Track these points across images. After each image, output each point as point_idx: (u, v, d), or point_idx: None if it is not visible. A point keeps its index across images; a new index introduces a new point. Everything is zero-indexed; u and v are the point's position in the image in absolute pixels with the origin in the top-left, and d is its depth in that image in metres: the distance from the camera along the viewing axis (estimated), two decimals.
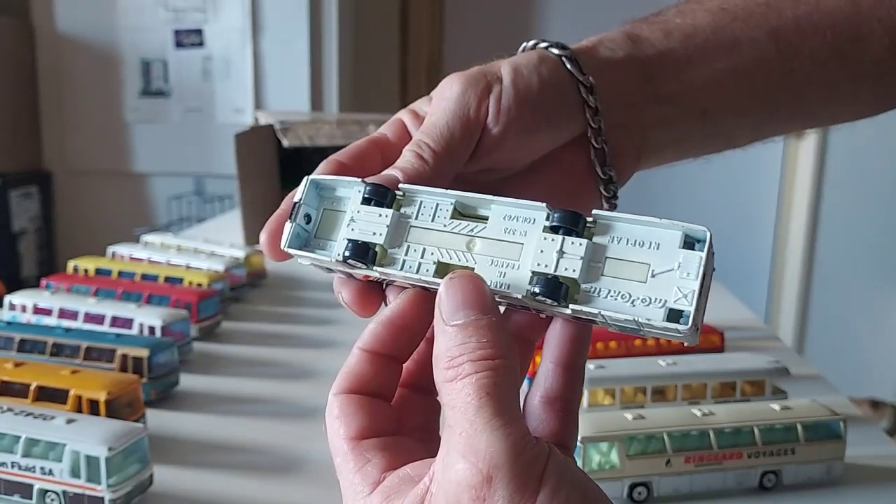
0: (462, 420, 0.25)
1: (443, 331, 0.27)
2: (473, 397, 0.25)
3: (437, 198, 0.30)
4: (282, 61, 2.42)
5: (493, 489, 0.24)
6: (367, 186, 0.30)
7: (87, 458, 0.51)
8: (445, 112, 0.35)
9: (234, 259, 1.07)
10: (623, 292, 0.26)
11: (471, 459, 0.24)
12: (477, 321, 0.26)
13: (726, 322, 0.88)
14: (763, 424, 0.57)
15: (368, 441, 0.29)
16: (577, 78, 0.36)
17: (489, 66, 0.37)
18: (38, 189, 2.53)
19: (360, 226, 0.30)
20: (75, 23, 2.50)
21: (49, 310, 0.82)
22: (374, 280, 0.31)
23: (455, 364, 0.26)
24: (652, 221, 0.26)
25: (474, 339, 0.26)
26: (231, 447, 0.65)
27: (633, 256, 0.26)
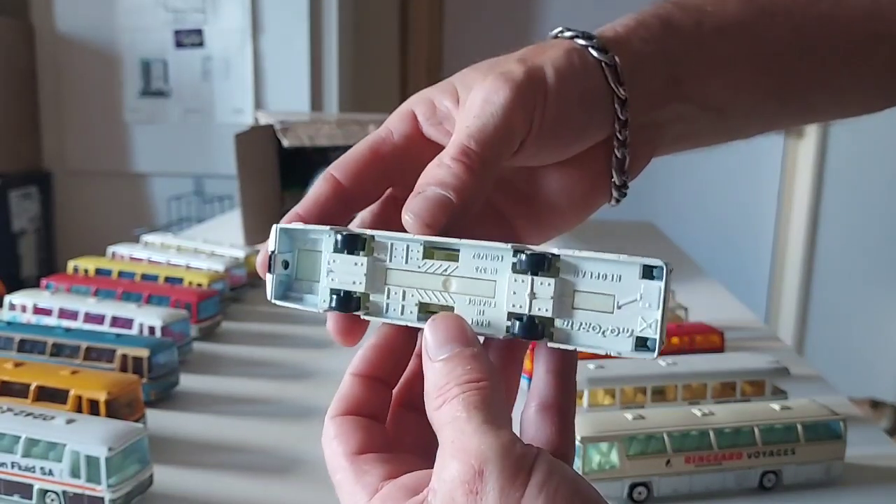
0: (453, 431, 0.26)
1: (430, 368, 0.29)
2: (462, 412, 0.27)
3: (407, 241, 0.31)
4: (282, 61, 2.42)
5: (485, 481, 0.25)
6: (338, 235, 0.31)
7: (87, 458, 0.51)
8: (495, 119, 0.32)
9: (233, 259, 1.07)
10: (594, 324, 0.29)
11: (461, 458, 0.25)
12: (461, 352, 0.28)
13: (726, 322, 0.88)
14: (763, 424, 0.57)
15: (367, 455, 0.30)
16: (614, 90, 0.35)
17: (531, 65, 0.34)
18: (37, 189, 2.53)
19: (339, 275, 0.31)
20: (75, 23, 2.50)
21: (49, 310, 0.82)
22: None
23: (443, 392, 0.28)
24: (612, 258, 0.28)
25: (459, 367, 0.28)
26: (231, 447, 0.65)
27: (599, 289, 0.28)
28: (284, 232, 0.32)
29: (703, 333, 0.79)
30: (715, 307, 1.02)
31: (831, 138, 2.51)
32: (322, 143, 1.30)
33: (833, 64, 0.40)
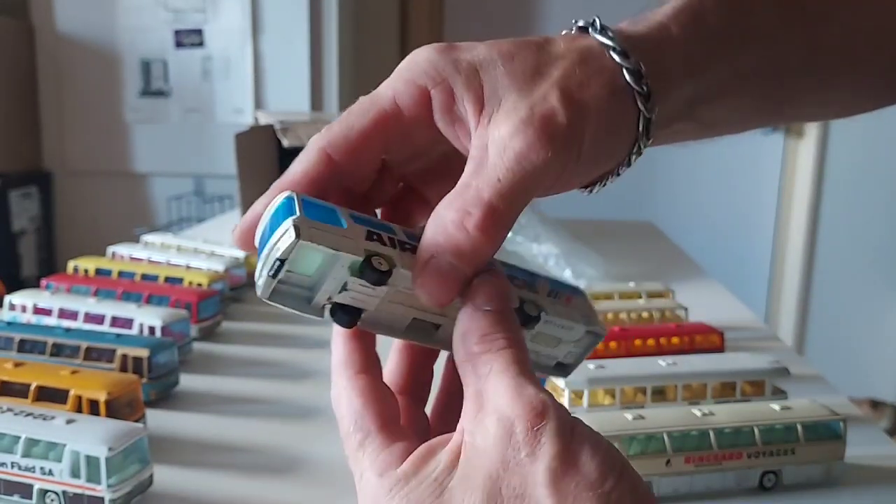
0: (503, 379, 0.27)
1: (474, 315, 0.29)
2: (513, 366, 0.28)
3: None
4: (282, 61, 2.42)
5: (546, 420, 0.26)
6: (368, 267, 0.29)
7: (87, 458, 0.51)
8: (529, 182, 0.30)
9: (234, 259, 1.07)
10: (535, 349, 0.34)
11: (521, 401, 0.26)
12: (508, 309, 0.30)
13: (726, 322, 0.88)
14: (763, 424, 0.57)
15: (395, 426, 0.30)
16: (639, 135, 0.33)
17: (574, 109, 0.31)
18: (37, 189, 2.53)
19: (354, 295, 0.30)
20: (75, 23, 2.50)
21: (49, 310, 0.82)
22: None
23: (488, 340, 0.29)
24: (575, 325, 0.34)
25: (506, 322, 0.29)
26: (231, 447, 0.65)
27: (554, 332, 0.34)
28: (307, 249, 0.28)
29: (703, 333, 0.79)
30: (715, 307, 1.02)
31: (831, 138, 2.51)
32: None
33: (833, 77, 0.40)
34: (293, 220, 0.28)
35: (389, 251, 0.29)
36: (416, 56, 0.32)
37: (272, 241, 0.28)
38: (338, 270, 0.29)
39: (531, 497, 0.25)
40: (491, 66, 0.32)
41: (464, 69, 0.31)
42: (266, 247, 0.29)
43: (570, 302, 0.35)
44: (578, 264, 1.14)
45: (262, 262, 0.29)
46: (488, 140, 0.30)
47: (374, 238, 0.30)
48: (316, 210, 0.29)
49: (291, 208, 0.29)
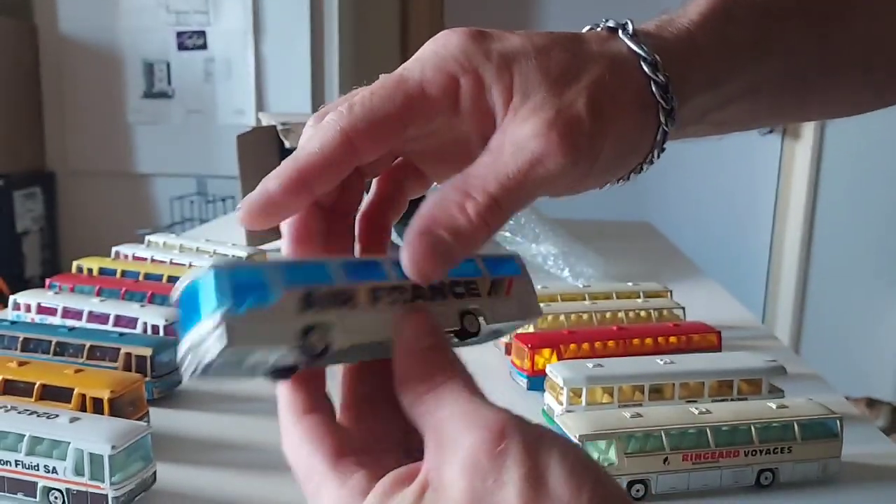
0: (459, 407, 0.26)
1: (412, 354, 0.28)
2: (464, 391, 0.27)
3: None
4: (283, 63, 2.43)
5: (508, 440, 0.25)
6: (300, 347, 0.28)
7: (90, 456, 0.51)
8: (539, 185, 0.30)
9: (236, 259, 1.08)
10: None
11: (479, 427, 0.25)
12: (438, 344, 0.29)
13: (723, 321, 0.88)
14: (760, 423, 0.57)
15: (347, 459, 0.29)
16: (658, 141, 0.33)
17: (599, 118, 0.30)
18: (41, 189, 2.54)
19: (291, 358, 0.29)
20: (78, 24, 2.50)
21: (53, 309, 0.83)
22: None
23: (429, 377, 0.28)
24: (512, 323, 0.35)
25: (442, 357, 0.28)
26: (234, 445, 0.66)
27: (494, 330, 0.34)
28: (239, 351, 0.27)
29: (701, 333, 0.80)
30: (712, 307, 1.02)
31: (828, 139, 2.51)
32: None
33: (844, 83, 0.40)
34: (223, 316, 0.26)
35: (327, 317, 0.28)
36: (447, 41, 0.31)
37: (198, 332, 0.26)
38: (273, 352, 0.28)
39: None
40: (524, 58, 0.31)
41: (495, 59, 0.31)
42: (189, 334, 0.27)
43: (511, 289, 0.33)
44: (577, 264, 1.14)
45: (185, 350, 0.27)
46: (508, 135, 0.30)
47: (310, 304, 0.28)
48: (245, 288, 0.27)
49: (221, 290, 0.26)
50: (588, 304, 0.87)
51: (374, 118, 0.30)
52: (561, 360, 0.72)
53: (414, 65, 0.31)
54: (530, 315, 0.35)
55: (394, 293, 0.30)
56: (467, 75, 0.31)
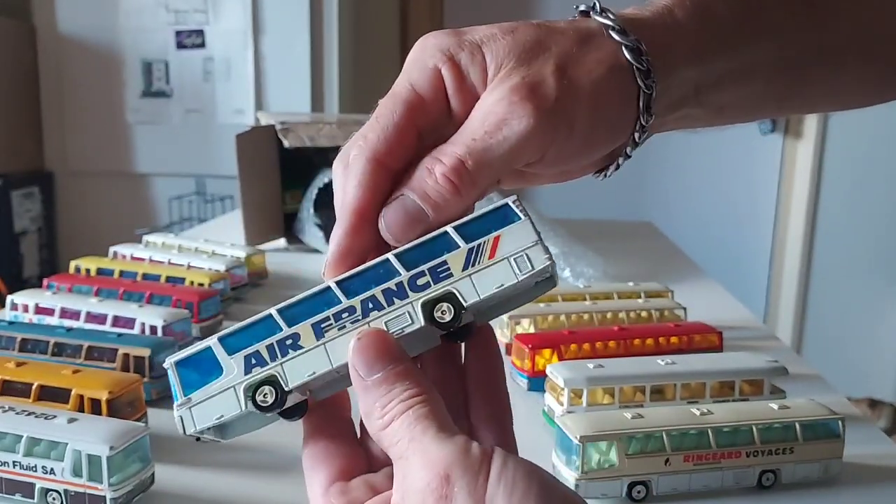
0: (411, 445, 0.27)
1: (365, 388, 0.29)
2: (415, 424, 0.28)
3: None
4: (282, 62, 2.42)
5: (452, 484, 0.26)
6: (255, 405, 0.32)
7: (88, 457, 0.51)
8: (506, 147, 0.31)
9: (235, 259, 1.07)
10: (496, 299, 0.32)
11: (427, 468, 0.26)
12: (393, 370, 0.29)
13: (725, 322, 0.88)
14: (761, 424, 0.57)
15: (334, 487, 0.31)
16: (641, 116, 0.33)
17: (567, 85, 0.31)
18: (39, 189, 2.54)
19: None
20: (77, 24, 2.50)
21: (51, 309, 0.83)
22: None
23: (388, 410, 0.28)
24: (506, 286, 0.32)
25: (397, 386, 0.29)
26: (232, 446, 0.65)
27: (497, 296, 0.32)
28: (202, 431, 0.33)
29: (702, 333, 0.79)
30: (713, 307, 1.02)
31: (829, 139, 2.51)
32: (323, 143, 1.30)
33: (840, 71, 0.40)
34: (176, 408, 0.32)
35: (269, 371, 0.31)
36: (423, 42, 0.33)
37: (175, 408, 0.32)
38: (235, 415, 0.32)
39: None
40: (492, 39, 0.33)
41: (467, 46, 0.33)
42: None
43: (496, 249, 0.31)
44: (578, 264, 1.14)
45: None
46: (480, 104, 0.32)
47: (253, 365, 0.31)
48: (194, 373, 0.32)
49: (175, 384, 0.32)
50: (589, 305, 0.87)
51: (388, 136, 0.32)
52: (561, 360, 0.72)
53: (401, 77, 0.33)
54: (535, 268, 0.31)
55: (341, 318, 0.31)
56: (446, 64, 0.32)
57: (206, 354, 0.31)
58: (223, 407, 0.31)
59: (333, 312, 0.31)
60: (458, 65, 0.32)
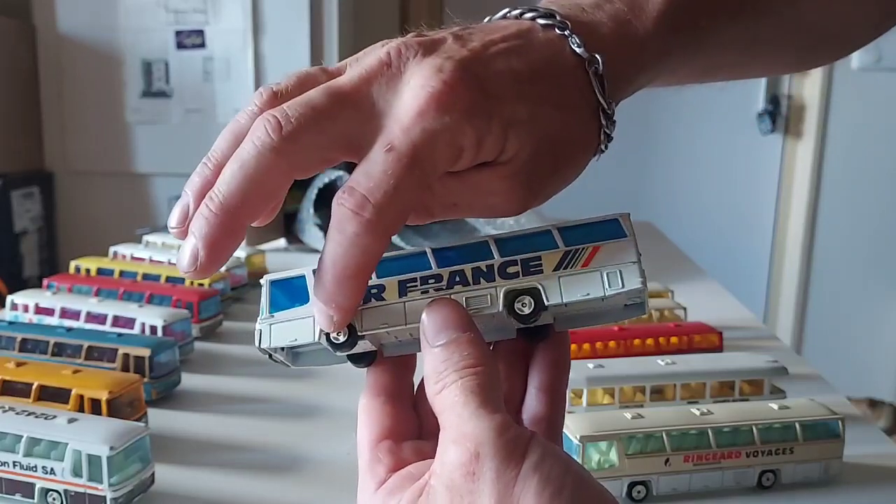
0: (451, 416, 0.27)
1: (428, 352, 0.29)
2: (460, 396, 0.27)
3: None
4: (282, 62, 2.42)
5: (481, 463, 0.26)
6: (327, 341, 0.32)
7: (88, 457, 0.51)
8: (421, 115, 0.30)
9: (234, 259, 1.08)
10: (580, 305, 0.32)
11: (459, 442, 0.26)
12: (458, 338, 0.29)
13: (725, 322, 0.88)
14: (761, 424, 0.57)
15: (384, 444, 0.32)
16: (600, 99, 0.33)
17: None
18: (39, 189, 2.54)
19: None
20: (77, 24, 2.50)
21: (51, 309, 0.83)
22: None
23: (442, 377, 0.28)
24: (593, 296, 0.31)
25: (456, 354, 0.29)
26: (232, 446, 0.65)
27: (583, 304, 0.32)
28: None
29: (702, 333, 0.79)
30: (713, 307, 1.02)
31: (829, 139, 2.51)
32: None
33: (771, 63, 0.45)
34: (259, 321, 0.33)
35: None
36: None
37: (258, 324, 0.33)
38: (306, 342, 0.32)
39: None
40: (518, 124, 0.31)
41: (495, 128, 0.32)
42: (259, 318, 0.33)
43: (591, 260, 0.31)
44: None
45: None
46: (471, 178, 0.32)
47: None
48: (284, 295, 0.33)
49: (266, 299, 0.33)
50: None
51: None
52: None
53: None
54: (625, 287, 0.30)
55: (427, 282, 0.31)
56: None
57: (299, 282, 0.33)
58: (300, 333, 0.32)
59: (421, 276, 0.31)
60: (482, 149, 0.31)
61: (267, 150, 0.29)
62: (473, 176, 0.31)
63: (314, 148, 0.29)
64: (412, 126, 0.29)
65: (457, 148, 0.29)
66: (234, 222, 0.29)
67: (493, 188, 0.31)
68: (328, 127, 0.29)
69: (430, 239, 1.14)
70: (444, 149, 0.29)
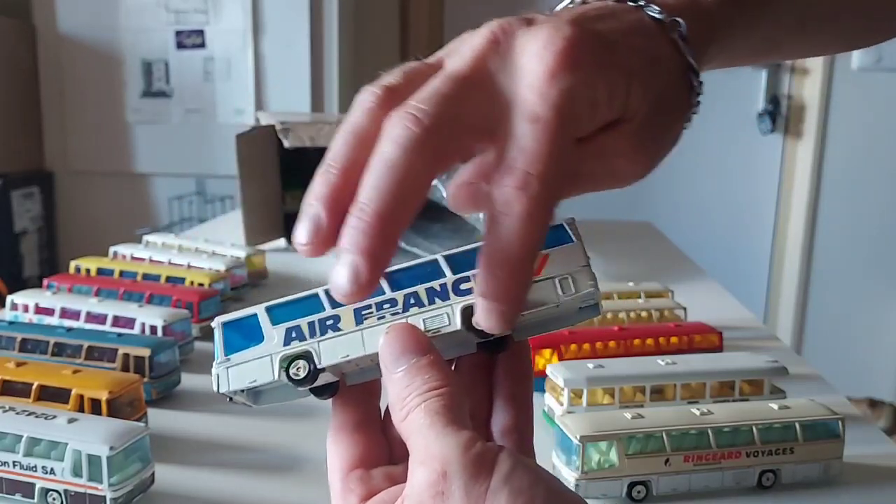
0: (418, 439, 0.27)
1: (390, 380, 0.29)
2: (425, 419, 0.27)
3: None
4: (283, 62, 2.42)
5: (449, 482, 0.25)
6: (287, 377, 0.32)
7: (88, 457, 0.51)
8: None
9: (235, 259, 1.08)
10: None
11: (427, 463, 0.26)
12: (417, 363, 0.29)
13: (725, 322, 0.88)
14: (761, 424, 0.57)
15: (354, 473, 0.32)
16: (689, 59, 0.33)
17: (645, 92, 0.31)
18: (39, 189, 2.54)
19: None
20: (77, 24, 2.50)
21: (51, 309, 0.83)
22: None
23: (405, 403, 0.28)
24: (548, 304, 0.32)
25: (418, 378, 0.28)
26: (232, 446, 0.65)
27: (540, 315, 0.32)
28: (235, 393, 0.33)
29: (702, 333, 0.79)
30: (713, 307, 1.02)
31: (829, 139, 2.51)
32: (323, 143, 1.30)
33: (818, 41, 0.44)
34: (215, 365, 0.32)
35: (305, 346, 0.32)
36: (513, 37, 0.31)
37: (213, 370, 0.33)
38: (265, 382, 0.32)
39: None
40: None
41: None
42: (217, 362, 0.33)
43: (544, 265, 0.31)
44: None
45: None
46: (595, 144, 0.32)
47: (293, 338, 0.32)
48: (237, 336, 0.32)
49: (219, 342, 0.33)
50: None
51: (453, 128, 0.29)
52: (561, 360, 0.72)
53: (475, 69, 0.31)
54: (578, 292, 0.31)
55: (382, 308, 0.31)
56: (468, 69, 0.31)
57: (251, 321, 0.32)
58: (258, 373, 0.32)
59: (376, 302, 0.31)
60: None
61: (412, 147, 0.27)
62: (599, 139, 0.31)
63: (453, 137, 0.28)
64: (548, 90, 0.28)
65: (593, 103, 0.29)
66: (393, 229, 0.27)
67: (618, 149, 0.31)
68: (463, 112, 0.28)
69: (431, 239, 1.14)
70: (584, 105, 0.29)
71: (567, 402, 0.63)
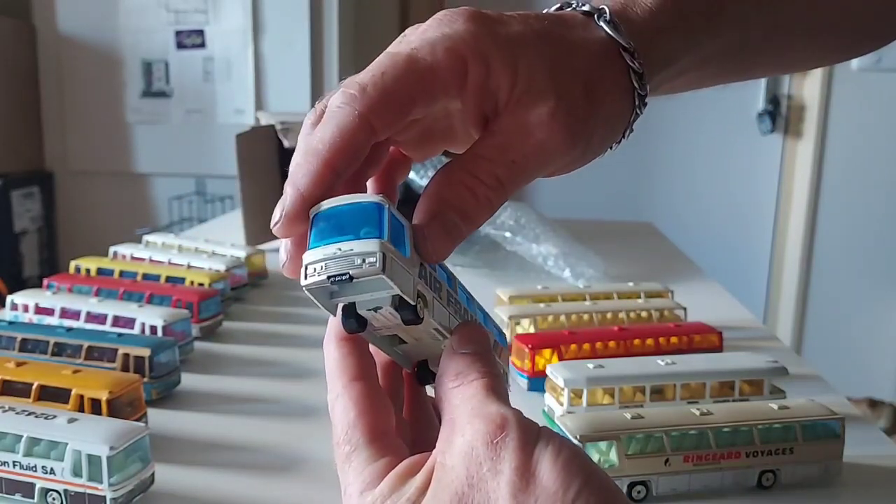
0: (473, 402, 0.29)
1: (453, 357, 0.31)
2: (481, 391, 0.29)
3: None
4: (283, 62, 2.42)
5: (506, 432, 0.27)
6: (409, 308, 0.30)
7: (88, 457, 0.51)
8: (539, 169, 0.33)
9: (235, 259, 1.08)
10: None
11: (485, 419, 0.28)
12: (482, 350, 0.32)
13: (725, 322, 0.88)
14: (761, 424, 0.57)
15: (384, 439, 0.31)
16: (636, 106, 0.36)
17: (592, 101, 0.33)
18: (39, 189, 2.54)
19: (376, 315, 0.31)
20: (77, 24, 2.50)
21: (51, 309, 0.83)
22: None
23: (463, 375, 0.30)
24: None
25: (479, 362, 0.31)
26: (232, 446, 0.65)
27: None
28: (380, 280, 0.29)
29: (702, 333, 0.79)
30: (713, 307, 1.02)
31: (829, 139, 2.51)
32: None
33: (791, 51, 0.44)
34: (381, 245, 0.28)
35: (429, 294, 0.32)
36: (454, 23, 0.33)
37: (349, 249, 0.28)
38: (383, 297, 0.30)
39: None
40: (525, 44, 0.33)
41: (502, 44, 0.32)
42: (337, 244, 0.29)
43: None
44: (578, 264, 1.14)
45: (326, 259, 0.29)
46: (514, 119, 0.32)
47: (423, 275, 0.31)
48: (394, 229, 0.29)
49: (381, 220, 0.29)
50: (589, 305, 0.87)
51: (389, 99, 0.31)
52: (561, 360, 0.72)
53: (423, 45, 0.32)
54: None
55: (458, 304, 0.35)
56: (475, 59, 0.32)
57: (400, 227, 0.30)
58: (402, 281, 0.29)
59: (455, 296, 0.35)
60: (489, 63, 0.32)
61: (348, 104, 0.32)
62: (516, 113, 0.32)
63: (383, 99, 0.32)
64: (420, 34, 0.32)
65: (459, 54, 0.32)
66: (325, 170, 0.31)
67: (535, 120, 0.32)
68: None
69: None
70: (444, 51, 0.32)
71: (567, 402, 0.63)
